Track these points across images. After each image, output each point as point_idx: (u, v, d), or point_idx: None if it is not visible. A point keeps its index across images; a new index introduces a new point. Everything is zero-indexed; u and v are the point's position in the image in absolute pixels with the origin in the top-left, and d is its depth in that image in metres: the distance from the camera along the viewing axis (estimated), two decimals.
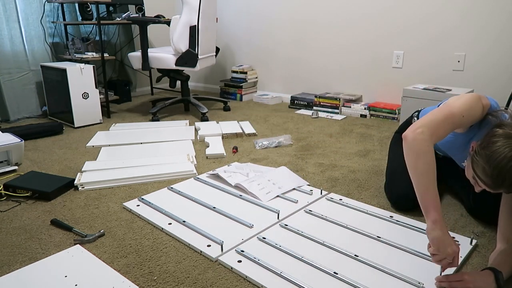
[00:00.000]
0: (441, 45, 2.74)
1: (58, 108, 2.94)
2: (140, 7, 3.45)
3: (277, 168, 1.92)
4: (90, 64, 2.87)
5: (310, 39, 3.37)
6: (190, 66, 2.84)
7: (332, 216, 1.49)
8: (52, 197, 1.68)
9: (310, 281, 1.12)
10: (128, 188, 1.80)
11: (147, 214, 1.52)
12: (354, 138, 2.51)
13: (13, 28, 2.92)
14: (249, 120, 2.96)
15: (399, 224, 1.43)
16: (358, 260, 1.22)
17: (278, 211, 1.51)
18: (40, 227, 1.46)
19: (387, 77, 3.04)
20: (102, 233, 1.40)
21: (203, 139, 2.49)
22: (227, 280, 1.15)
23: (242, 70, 3.72)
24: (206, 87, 4.29)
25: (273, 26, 3.57)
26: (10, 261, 1.26)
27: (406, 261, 1.21)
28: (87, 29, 3.53)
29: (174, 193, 1.72)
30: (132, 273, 1.19)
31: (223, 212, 1.53)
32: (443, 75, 2.78)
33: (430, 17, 2.74)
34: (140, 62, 2.92)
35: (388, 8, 2.90)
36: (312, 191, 1.71)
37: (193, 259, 1.26)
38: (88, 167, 1.98)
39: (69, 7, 3.34)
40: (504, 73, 2.55)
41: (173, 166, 1.98)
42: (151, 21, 3.19)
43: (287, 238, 1.35)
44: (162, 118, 3.06)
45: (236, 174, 1.85)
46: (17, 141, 2.02)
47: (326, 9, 3.21)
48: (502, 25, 2.49)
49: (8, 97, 2.95)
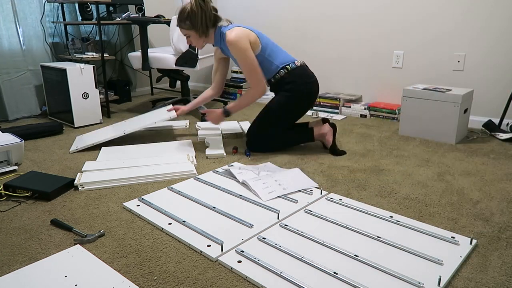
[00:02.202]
0: (441, 45, 2.74)
1: (58, 108, 2.94)
2: (140, 7, 3.45)
3: (290, 169, 1.92)
4: (90, 64, 2.87)
5: (310, 39, 3.37)
6: (190, 66, 2.84)
7: (332, 216, 1.49)
8: (52, 197, 1.68)
9: (310, 281, 1.12)
10: (128, 188, 1.80)
11: (147, 214, 1.53)
12: (354, 138, 2.51)
13: (12, 28, 2.92)
14: (249, 120, 2.96)
15: (399, 224, 1.43)
16: (358, 260, 1.22)
17: (278, 211, 1.51)
18: (40, 227, 1.46)
19: (387, 77, 3.04)
20: (102, 233, 1.40)
21: (203, 139, 2.49)
22: (227, 280, 1.15)
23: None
24: (206, 87, 4.29)
25: (273, 26, 3.57)
26: (10, 261, 1.26)
27: (406, 261, 1.21)
28: (87, 29, 3.53)
29: (174, 193, 1.72)
30: (132, 273, 1.19)
31: (223, 212, 1.53)
32: (443, 75, 2.78)
33: (430, 17, 2.74)
34: (140, 62, 2.93)
35: (388, 8, 2.90)
36: (312, 191, 1.71)
37: (193, 259, 1.26)
38: (88, 167, 1.98)
39: (69, 7, 3.34)
40: (504, 73, 2.55)
41: (173, 166, 1.98)
42: (151, 21, 3.19)
43: (287, 238, 1.35)
44: None
45: (248, 171, 1.87)
46: (17, 141, 2.02)
47: (326, 10, 3.21)
48: (502, 25, 2.50)
49: (7, 96, 2.95)
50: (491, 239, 1.35)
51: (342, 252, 1.26)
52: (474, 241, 1.31)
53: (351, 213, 1.52)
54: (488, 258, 1.24)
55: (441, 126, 2.38)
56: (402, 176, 1.89)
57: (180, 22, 2.13)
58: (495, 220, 1.47)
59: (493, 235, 1.37)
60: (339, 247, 1.28)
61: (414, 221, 1.45)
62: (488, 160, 2.10)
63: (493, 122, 2.56)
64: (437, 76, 2.81)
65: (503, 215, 1.51)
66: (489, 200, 1.64)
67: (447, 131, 2.37)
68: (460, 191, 1.73)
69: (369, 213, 1.51)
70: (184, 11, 2.09)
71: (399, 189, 1.76)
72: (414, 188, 1.77)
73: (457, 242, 1.30)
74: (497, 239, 1.35)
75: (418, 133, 2.50)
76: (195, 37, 2.15)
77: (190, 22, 2.09)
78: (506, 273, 1.17)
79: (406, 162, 2.08)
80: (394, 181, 1.84)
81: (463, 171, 1.96)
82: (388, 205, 1.60)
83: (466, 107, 2.41)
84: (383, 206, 1.60)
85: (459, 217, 1.50)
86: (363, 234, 1.37)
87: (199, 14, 2.07)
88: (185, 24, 2.12)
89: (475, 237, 1.36)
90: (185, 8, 2.08)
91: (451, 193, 1.71)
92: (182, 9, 2.10)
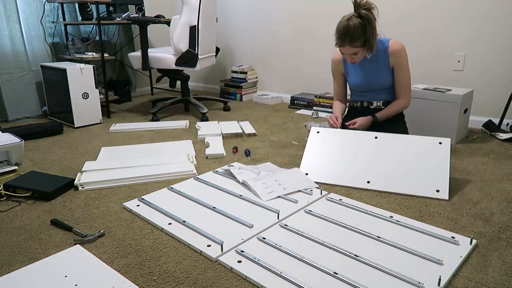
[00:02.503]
0: (441, 45, 2.74)
1: (58, 108, 2.94)
2: (140, 7, 3.45)
3: (290, 169, 1.92)
4: (90, 64, 2.87)
5: (310, 39, 3.37)
6: (190, 66, 2.84)
7: (332, 216, 1.49)
8: (52, 197, 1.68)
9: (310, 281, 1.12)
10: (128, 188, 1.80)
11: (147, 214, 1.53)
12: None
13: (13, 28, 2.92)
14: (249, 120, 2.96)
15: (399, 224, 1.43)
16: (358, 260, 1.22)
17: (278, 211, 1.51)
18: (40, 227, 1.46)
19: None
20: (102, 233, 1.40)
21: (203, 139, 2.50)
22: (227, 280, 1.15)
23: (242, 70, 3.72)
24: (206, 87, 4.29)
25: (273, 26, 3.57)
26: (10, 261, 1.26)
27: (406, 261, 1.21)
28: (87, 29, 3.53)
29: (174, 193, 1.72)
30: (132, 273, 1.19)
31: (223, 212, 1.53)
32: (443, 75, 2.78)
33: (430, 17, 2.74)
34: (140, 62, 2.92)
35: (388, 8, 2.90)
36: (312, 191, 1.71)
37: (193, 259, 1.26)
38: (88, 167, 1.98)
39: (69, 7, 3.34)
40: (504, 73, 2.55)
41: (173, 166, 1.98)
42: (151, 21, 3.19)
43: (287, 238, 1.35)
44: (162, 118, 3.06)
45: (248, 171, 1.87)
46: (17, 141, 2.02)
47: (326, 9, 3.21)
48: (502, 25, 2.49)
49: (7, 96, 2.95)
50: (491, 239, 1.35)
51: (342, 252, 1.26)
52: (474, 241, 1.31)
53: (351, 213, 1.52)
54: (488, 258, 1.24)
55: (441, 126, 2.38)
56: None
57: (352, 41, 1.84)
58: (495, 220, 1.47)
59: (493, 235, 1.37)
60: (339, 247, 1.28)
61: (414, 221, 1.45)
62: (488, 160, 2.10)
63: (493, 122, 2.56)
64: (437, 76, 2.81)
65: (503, 215, 1.51)
66: (489, 200, 1.64)
67: (447, 131, 2.37)
68: (460, 191, 1.73)
69: (369, 213, 1.51)
70: (354, 27, 1.81)
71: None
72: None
73: (457, 242, 1.30)
74: (497, 239, 1.35)
75: (418, 133, 2.49)
76: (362, 54, 1.93)
77: (364, 38, 1.85)
78: (506, 273, 1.17)
79: None
80: None
81: (463, 171, 1.96)
82: (388, 205, 1.60)
83: (466, 107, 2.41)
84: (383, 206, 1.60)
85: (459, 217, 1.50)
86: (363, 234, 1.37)
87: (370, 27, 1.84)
88: (358, 42, 1.85)
89: (475, 237, 1.36)
90: (352, 24, 1.82)
91: (451, 193, 1.71)
92: (349, 26, 1.82)
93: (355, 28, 1.82)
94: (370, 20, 1.83)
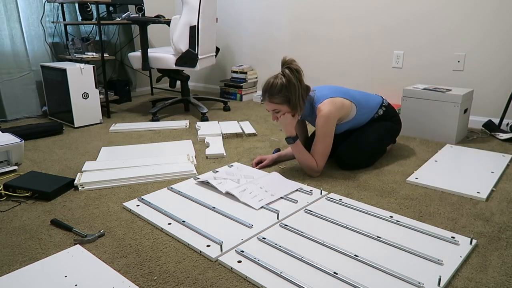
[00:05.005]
0: (441, 45, 2.74)
1: (58, 108, 2.94)
2: (140, 7, 3.45)
3: (269, 174, 1.87)
4: (90, 64, 2.87)
5: (310, 39, 3.37)
6: (190, 66, 2.84)
7: (332, 216, 1.49)
8: (52, 197, 1.68)
9: (310, 281, 1.12)
10: (128, 188, 1.80)
11: (147, 214, 1.53)
12: None
13: (13, 28, 2.92)
14: (249, 120, 2.96)
15: (399, 224, 1.43)
16: (358, 260, 1.22)
17: (278, 211, 1.51)
18: (40, 227, 1.46)
19: (387, 77, 3.04)
20: (102, 233, 1.40)
21: (203, 139, 2.49)
22: (227, 280, 1.15)
23: (242, 70, 3.72)
24: (206, 87, 4.29)
25: (273, 26, 3.57)
26: (10, 261, 1.26)
27: (406, 261, 1.21)
28: (87, 29, 3.53)
29: (174, 193, 1.72)
30: (132, 273, 1.19)
31: (223, 212, 1.53)
32: (443, 75, 2.78)
33: (430, 17, 2.74)
34: (140, 62, 2.92)
35: (388, 8, 2.90)
36: (312, 191, 1.71)
37: (193, 259, 1.26)
38: (88, 167, 1.98)
39: (69, 7, 3.34)
40: (504, 73, 2.55)
41: (173, 166, 1.98)
42: (151, 21, 3.19)
43: (287, 238, 1.35)
44: (162, 118, 3.06)
45: (227, 180, 1.80)
46: (17, 141, 2.02)
47: (326, 9, 3.21)
48: (502, 25, 2.49)
49: (6, 96, 2.95)
50: (491, 239, 1.35)
51: (342, 252, 1.26)
52: (474, 241, 1.31)
53: (351, 213, 1.52)
54: (488, 258, 1.24)
55: (441, 126, 2.38)
56: (402, 176, 1.89)
57: (270, 97, 1.82)
58: (495, 220, 1.47)
59: (493, 235, 1.37)
60: (339, 247, 1.28)
61: (414, 221, 1.45)
62: None
63: (493, 122, 2.56)
64: (437, 76, 2.81)
65: (503, 215, 1.51)
66: (489, 200, 1.64)
67: (447, 131, 2.37)
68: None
69: (369, 213, 1.51)
70: (274, 84, 1.80)
71: (399, 189, 1.76)
72: (414, 188, 1.77)
73: (457, 242, 1.30)
74: (497, 239, 1.35)
75: (418, 133, 2.50)
76: (286, 112, 1.86)
77: (285, 95, 1.81)
78: (506, 273, 1.17)
79: (406, 162, 2.08)
80: (394, 181, 1.84)
81: None
82: (388, 205, 1.60)
83: (466, 107, 2.41)
84: (383, 206, 1.60)
85: (459, 217, 1.50)
86: (363, 234, 1.37)
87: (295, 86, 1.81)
88: (277, 99, 1.81)
89: (475, 237, 1.36)
90: (274, 81, 1.81)
91: (451, 193, 1.71)
92: (270, 82, 1.82)
93: (275, 85, 1.80)
94: (291, 80, 1.79)
